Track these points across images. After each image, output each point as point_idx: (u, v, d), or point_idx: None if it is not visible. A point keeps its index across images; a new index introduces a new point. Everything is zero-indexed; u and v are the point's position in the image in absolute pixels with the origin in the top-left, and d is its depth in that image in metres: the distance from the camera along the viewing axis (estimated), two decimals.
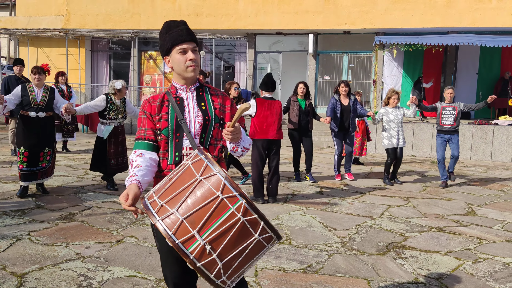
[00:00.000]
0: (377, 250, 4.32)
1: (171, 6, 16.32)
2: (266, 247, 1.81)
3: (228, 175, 1.74)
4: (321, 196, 6.50)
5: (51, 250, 3.89)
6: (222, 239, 1.70)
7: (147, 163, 2.11)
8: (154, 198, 1.81)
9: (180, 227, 1.70)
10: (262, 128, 5.93)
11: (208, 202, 1.70)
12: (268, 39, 16.80)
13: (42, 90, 5.66)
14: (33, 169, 5.58)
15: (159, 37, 2.24)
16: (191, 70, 2.17)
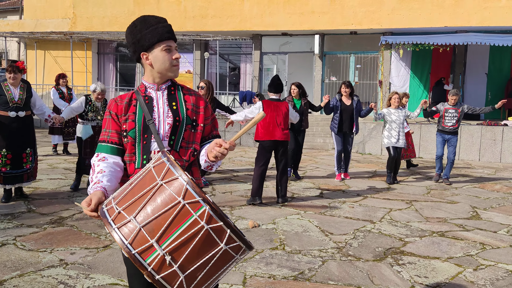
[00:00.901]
0: (374, 256, 4.15)
1: (176, 7, 16.29)
2: (235, 257, 1.66)
3: (192, 178, 1.60)
4: (321, 199, 6.34)
5: (34, 256, 3.79)
6: (184, 249, 1.55)
7: (110, 168, 1.97)
8: (112, 204, 1.67)
9: (137, 236, 1.55)
10: (268, 130, 5.91)
11: (169, 208, 1.55)
12: (274, 40, 16.67)
13: (19, 89, 5.47)
14: (17, 171, 5.42)
15: (130, 32, 2.05)
16: (175, 70, 2.06)
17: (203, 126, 2.15)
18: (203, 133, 2.17)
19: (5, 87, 5.37)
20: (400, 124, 7.45)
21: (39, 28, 17.22)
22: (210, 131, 2.20)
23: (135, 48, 2.05)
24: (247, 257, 4.00)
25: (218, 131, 2.27)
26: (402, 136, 7.49)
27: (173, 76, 2.08)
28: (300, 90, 7.56)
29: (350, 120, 7.62)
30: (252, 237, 4.55)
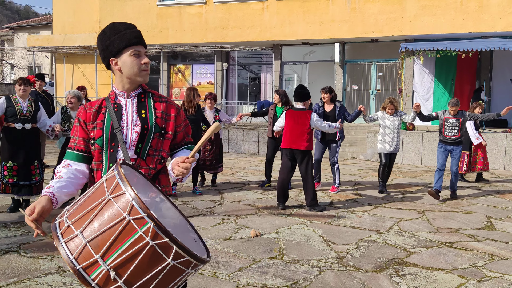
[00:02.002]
0: (374, 267, 4.04)
1: (198, 20, 16.54)
2: (186, 271, 1.63)
3: (138, 194, 1.58)
4: (330, 208, 6.24)
5: (34, 263, 3.88)
6: (129, 265, 1.54)
7: (70, 174, 1.99)
8: (64, 217, 1.66)
9: (83, 251, 1.54)
10: (289, 138, 6.09)
11: (114, 224, 1.54)
12: (294, 49, 16.67)
13: (27, 102, 5.56)
14: (25, 183, 5.48)
15: (100, 39, 2.08)
16: (144, 75, 2.07)
17: (174, 134, 2.15)
18: (176, 140, 2.17)
19: (14, 100, 5.51)
20: (394, 129, 7.16)
21: (67, 42, 17.83)
22: (183, 138, 2.20)
23: (104, 54, 2.07)
24: (242, 265, 3.97)
25: (190, 137, 2.27)
26: (396, 142, 7.22)
27: (142, 81, 2.08)
28: (284, 98, 7.47)
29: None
30: (252, 246, 4.52)
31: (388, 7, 14.48)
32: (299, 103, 6.17)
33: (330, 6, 15.24)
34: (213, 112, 7.39)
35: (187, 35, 16.64)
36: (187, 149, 2.21)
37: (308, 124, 6.04)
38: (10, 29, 34.47)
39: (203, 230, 5.01)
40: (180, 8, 16.77)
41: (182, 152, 2.18)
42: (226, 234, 4.88)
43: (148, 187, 1.94)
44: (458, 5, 13.76)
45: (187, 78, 18.04)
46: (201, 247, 1.89)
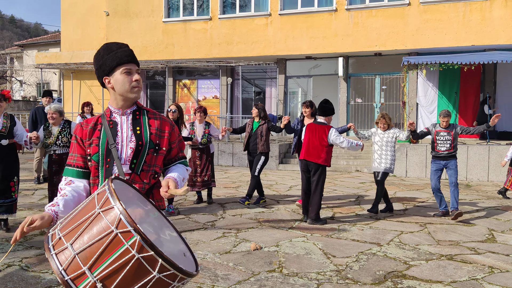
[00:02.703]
0: (372, 280, 4.05)
1: (203, 36, 16.77)
2: (172, 284, 1.67)
3: (126, 209, 1.62)
4: (331, 222, 6.25)
5: (35, 277, 3.94)
6: (116, 276, 1.58)
7: (74, 192, 2.05)
8: (56, 229, 1.72)
9: (72, 262, 1.60)
10: (305, 150, 6.23)
11: (102, 237, 1.60)
12: (298, 64, 16.82)
13: (2, 117, 5.35)
14: (5, 201, 5.33)
15: (95, 59, 2.17)
16: (136, 91, 2.13)
17: (167, 150, 2.21)
18: (170, 155, 2.24)
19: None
20: (382, 146, 6.82)
21: (74, 59, 18.12)
22: (177, 153, 2.27)
23: (98, 73, 2.16)
24: (241, 278, 4.00)
25: (184, 153, 2.34)
26: (385, 160, 6.79)
27: (134, 98, 2.15)
28: (262, 113, 7.43)
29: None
30: (252, 259, 4.54)
31: (391, 21, 14.61)
32: (321, 117, 6.26)
33: (333, 21, 15.41)
34: (202, 126, 7.24)
35: (193, 51, 16.87)
36: (181, 163, 2.27)
37: (326, 139, 6.10)
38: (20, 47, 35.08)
39: (204, 243, 5.05)
40: (185, 25, 17.03)
41: (176, 167, 2.24)
42: (226, 248, 4.92)
43: (142, 202, 2.00)
44: (461, 19, 13.86)
45: (193, 93, 18.22)
46: (191, 261, 1.92)
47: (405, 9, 14.60)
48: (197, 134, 7.16)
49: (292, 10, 15.90)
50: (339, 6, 15.27)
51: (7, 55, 38.04)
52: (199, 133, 7.17)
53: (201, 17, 16.88)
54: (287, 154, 13.75)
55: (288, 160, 13.38)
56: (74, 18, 19.33)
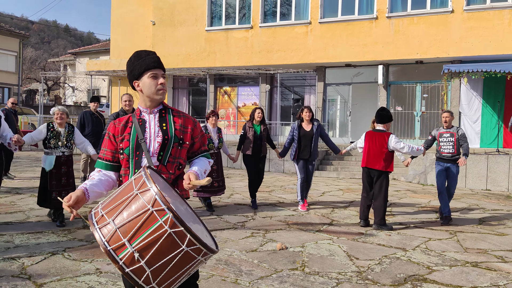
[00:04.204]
0: (392, 282, 4.14)
1: (244, 44, 17.18)
2: (197, 258, 1.91)
3: (160, 191, 1.88)
4: (360, 227, 6.33)
5: (75, 265, 4.31)
6: (151, 248, 1.84)
7: (101, 177, 2.37)
8: (98, 208, 2.02)
9: (113, 235, 1.86)
10: (366, 158, 6.35)
11: (140, 214, 1.86)
12: (337, 71, 16.86)
13: None
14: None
15: (127, 65, 2.48)
16: (161, 93, 2.41)
17: (190, 144, 2.49)
18: (193, 148, 2.51)
19: None
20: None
21: (122, 67, 19.01)
22: (199, 147, 2.54)
23: (129, 78, 2.47)
24: (264, 274, 4.20)
25: (206, 146, 2.60)
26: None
27: (160, 99, 2.43)
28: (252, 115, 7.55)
29: (310, 146, 7.32)
30: (276, 258, 4.73)
31: (433, 29, 14.42)
32: (380, 125, 6.40)
33: (374, 28, 15.38)
34: (216, 130, 7.27)
35: (233, 58, 17.30)
36: (203, 156, 2.54)
37: (386, 145, 6.24)
38: (73, 54, 37.02)
39: (232, 242, 5.29)
40: (227, 33, 17.50)
41: (199, 160, 2.51)
42: (253, 246, 5.13)
43: (169, 190, 2.27)
44: (506, 26, 13.48)
45: (233, 99, 18.64)
46: (212, 242, 2.18)
47: (448, 17, 14.37)
48: (212, 138, 7.16)
49: (332, 18, 16.01)
50: (380, 14, 15.24)
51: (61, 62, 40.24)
52: (214, 137, 7.19)
53: (242, 26, 17.30)
54: (323, 161, 13.82)
55: (325, 167, 13.44)
56: (123, 27, 20.30)
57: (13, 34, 35.06)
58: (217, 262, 4.50)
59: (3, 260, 4.35)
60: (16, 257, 4.44)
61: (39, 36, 75.54)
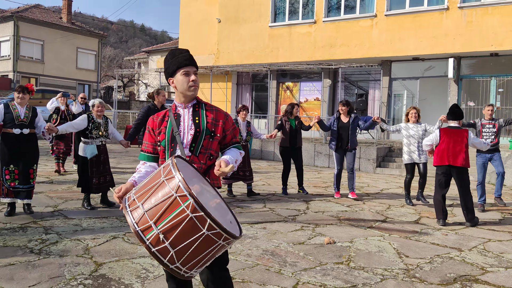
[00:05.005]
0: (440, 281, 4.02)
1: (307, 39, 17.12)
2: (218, 242, 2.04)
3: (184, 178, 2.03)
4: (415, 224, 6.15)
5: (133, 248, 4.63)
6: (174, 231, 2.00)
7: (146, 168, 2.57)
8: (131, 193, 2.22)
9: (142, 218, 2.05)
10: (442, 156, 6.24)
11: (165, 199, 2.03)
12: (404, 65, 16.29)
13: (25, 108, 5.74)
14: (24, 187, 5.69)
15: (164, 63, 2.68)
16: (193, 90, 2.56)
17: (223, 136, 2.62)
18: (225, 140, 2.64)
19: (12, 106, 5.71)
20: (419, 138, 7.41)
21: None
22: (231, 139, 2.66)
23: (166, 75, 2.64)
24: (308, 266, 4.26)
25: (237, 138, 2.72)
26: (423, 151, 7.41)
27: (192, 95, 2.58)
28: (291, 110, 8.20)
29: (348, 137, 7.87)
30: (322, 251, 4.76)
31: (509, 19, 13.47)
32: (454, 122, 6.33)
33: (444, 20, 14.68)
34: (245, 124, 7.88)
35: (296, 54, 17.31)
36: (234, 147, 2.66)
37: (465, 142, 6.18)
38: (146, 53, 38.88)
39: (281, 234, 5.38)
40: (290, 28, 17.54)
41: (230, 150, 2.63)
42: (301, 239, 5.19)
43: (200, 179, 2.42)
44: None
45: (295, 95, 18.66)
46: (236, 227, 2.29)
47: None
48: (241, 131, 7.77)
49: (400, 10, 15.49)
50: (451, 4, 14.50)
51: (136, 60, 42.44)
52: (242, 130, 7.81)
53: (305, 21, 17.25)
54: (385, 158, 13.46)
55: (387, 164, 13.09)
56: (190, 26, 21.03)
57: (93, 34, 37.53)
58: (263, 253, 4.63)
59: (70, 241, 4.78)
60: (81, 239, 4.86)
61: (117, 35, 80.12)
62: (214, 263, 2.39)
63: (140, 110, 6.98)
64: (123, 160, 12.36)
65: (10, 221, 5.45)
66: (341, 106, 8.03)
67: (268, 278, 3.92)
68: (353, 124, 7.88)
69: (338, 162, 8.02)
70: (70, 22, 36.61)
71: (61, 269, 3.92)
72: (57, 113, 9.68)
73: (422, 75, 16.14)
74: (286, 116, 8.23)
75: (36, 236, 4.88)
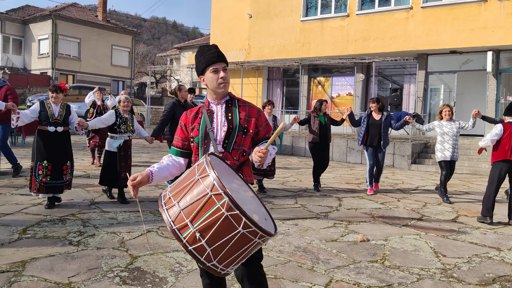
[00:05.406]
0: (479, 281, 3.89)
1: (339, 33, 16.88)
2: (254, 240, 2.03)
3: (218, 176, 2.02)
4: (453, 223, 5.98)
5: (167, 242, 4.70)
6: (210, 229, 1.99)
7: (169, 162, 2.59)
8: (167, 191, 2.22)
9: (178, 216, 2.05)
10: (502, 151, 6.02)
11: (200, 197, 2.02)
12: (441, 59, 15.83)
13: (59, 107, 5.92)
14: (57, 182, 5.86)
15: (195, 60, 2.68)
16: (222, 86, 2.55)
17: (255, 132, 2.60)
18: (258, 136, 2.62)
19: (47, 104, 5.90)
20: (453, 136, 7.37)
21: None
22: (264, 135, 2.65)
23: (197, 73, 2.65)
24: (341, 264, 4.20)
25: (270, 134, 2.70)
26: (456, 149, 7.42)
27: (222, 92, 2.56)
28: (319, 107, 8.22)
29: (379, 135, 7.87)
30: (356, 249, 4.69)
31: None
32: (510, 117, 6.18)
33: (482, 12, 14.16)
34: (271, 119, 7.90)
35: (328, 48, 17.10)
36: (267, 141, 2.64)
37: None
38: (178, 49, 39.34)
39: (313, 231, 5.34)
40: (322, 22, 17.34)
41: (263, 144, 2.62)
42: (333, 236, 5.14)
43: (233, 176, 2.41)
44: None
45: (327, 90, 18.46)
46: (271, 225, 2.27)
47: None
48: None
49: (436, 2, 15.06)
50: None
51: (168, 57, 43.02)
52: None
53: (338, 14, 17.01)
54: (421, 154, 13.14)
55: (422, 160, 12.78)
56: (222, 21, 21.11)
57: (127, 31, 38.28)
58: (295, 249, 4.60)
59: (107, 233, 4.89)
60: (117, 232, 4.97)
61: (150, 32, 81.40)
62: (249, 260, 2.39)
63: (165, 106, 7.06)
64: (156, 155, 12.57)
65: (50, 213, 5.64)
66: (372, 103, 8.07)
67: (300, 275, 3.90)
68: (385, 122, 7.89)
69: (370, 157, 8.02)
70: (105, 20, 37.45)
71: (98, 261, 4.02)
72: (93, 108, 10.07)
73: (459, 69, 15.66)
74: (315, 112, 8.25)
75: (75, 228, 5.02)
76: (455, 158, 7.44)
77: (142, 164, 10.62)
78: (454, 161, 7.49)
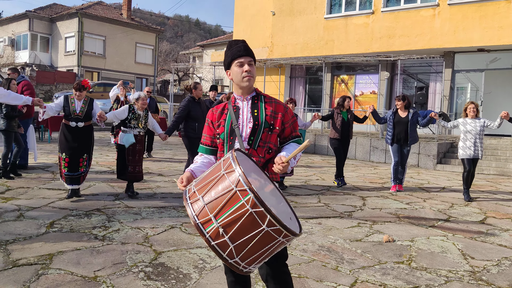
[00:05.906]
0: (509, 285, 3.77)
1: (364, 30, 16.66)
2: (278, 239, 1.98)
3: (244, 172, 1.99)
4: (480, 225, 5.83)
5: (190, 238, 4.71)
6: (234, 225, 1.96)
7: (203, 160, 2.59)
8: (192, 185, 2.20)
9: (202, 210, 2.02)
10: None
11: (225, 192, 1.99)
12: (468, 57, 15.47)
13: (82, 102, 6.19)
14: (74, 174, 6.15)
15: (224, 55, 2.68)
16: (246, 80, 2.50)
17: (281, 129, 2.56)
18: (284, 134, 2.58)
19: (71, 100, 6.18)
20: (476, 134, 7.30)
21: None
22: (290, 132, 2.60)
23: (224, 68, 2.63)
24: (366, 264, 4.13)
25: (298, 132, 2.66)
26: (480, 147, 7.35)
27: (246, 86, 2.51)
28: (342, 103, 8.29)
29: (405, 132, 7.87)
30: (381, 249, 4.61)
31: None
32: None
33: (511, 9, 13.77)
34: None
35: (352, 46, 16.90)
36: (294, 142, 2.59)
37: None
38: (201, 47, 39.54)
39: (337, 230, 5.27)
40: (346, 20, 17.15)
41: (289, 146, 2.57)
42: (358, 236, 5.06)
43: (258, 173, 2.38)
44: None
45: (350, 88, 18.25)
46: (295, 224, 2.23)
47: None
48: None
49: None
50: None
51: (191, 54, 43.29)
52: None
53: (362, 11, 16.79)
54: (447, 154, 12.87)
55: (448, 160, 12.51)
56: (245, 19, 21.09)
57: (150, 29, 38.67)
58: (319, 248, 4.55)
59: (131, 229, 4.94)
60: (141, 227, 5.01)
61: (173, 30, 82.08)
62: (274, 258, 2.36)
63: (180, 104, 7.07)
64: (178, 152, 12.66)
65: (76, 208, 5.73)
66: (397, 101, 8.08)
67: (325, 275, 3.85)
68: (412, 119, 7.88)
69: (395, 154, 8.04)
70: (130, 18, 37.92)
71: (123, 255, 4.06)
72: (117, 103, 10.30)
73: (487, 67, 15.27)
74: (339, 108, 8.28)
75: (100, 223, 5.08)
76: (477, 156, 7.35)
77: (166, 160, 10.71)
78: (477, 159, 7.41)
